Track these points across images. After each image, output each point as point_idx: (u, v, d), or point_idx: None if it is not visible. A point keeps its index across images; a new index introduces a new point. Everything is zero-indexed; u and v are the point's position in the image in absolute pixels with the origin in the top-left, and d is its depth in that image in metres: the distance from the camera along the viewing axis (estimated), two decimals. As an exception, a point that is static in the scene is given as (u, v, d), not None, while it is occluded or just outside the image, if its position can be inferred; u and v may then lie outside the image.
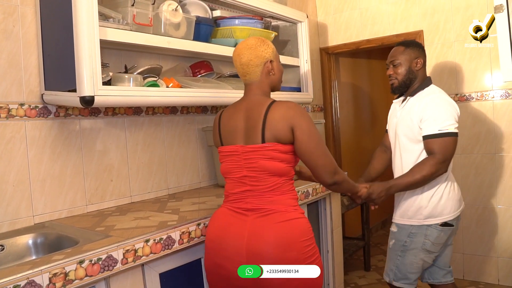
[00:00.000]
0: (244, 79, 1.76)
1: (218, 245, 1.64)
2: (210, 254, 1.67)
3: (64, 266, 1.33)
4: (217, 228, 1.68)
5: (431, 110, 2.09)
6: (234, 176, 1.69)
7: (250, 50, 1.70)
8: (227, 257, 1.61)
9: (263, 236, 1.57)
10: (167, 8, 2.09)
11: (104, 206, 2.21)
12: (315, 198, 2.64)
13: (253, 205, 1.63)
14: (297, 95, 3.01)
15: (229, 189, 1.72)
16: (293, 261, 1.54)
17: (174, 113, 2.60)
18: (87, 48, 1.68)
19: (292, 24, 3.09)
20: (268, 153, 1.61)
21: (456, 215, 2.18)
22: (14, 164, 1.86)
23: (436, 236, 2.14)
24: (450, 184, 2.18)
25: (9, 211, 1.84)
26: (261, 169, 1.62)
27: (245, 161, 1.65)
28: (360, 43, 3.92)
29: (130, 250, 1.53)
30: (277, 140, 1.61)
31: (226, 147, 1.72)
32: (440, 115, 2.07)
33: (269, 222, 1.59)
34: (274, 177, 1.63)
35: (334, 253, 2.90)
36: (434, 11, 3.48)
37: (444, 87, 3.42)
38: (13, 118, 1.86)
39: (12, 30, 1.86)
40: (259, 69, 1.71)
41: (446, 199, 2.14)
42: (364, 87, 5.25)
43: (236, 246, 1.59)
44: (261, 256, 1.55)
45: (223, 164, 1.74)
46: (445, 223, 2.14)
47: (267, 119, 1.61)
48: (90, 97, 1.70)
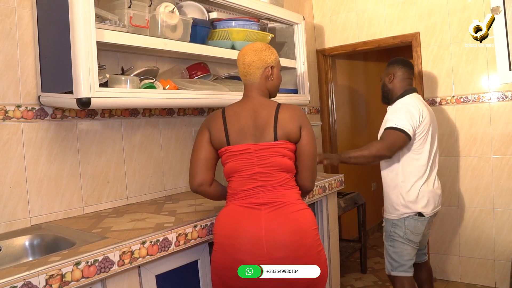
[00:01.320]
0: (244, 79, 1.85)
1: (236, 241, 1.66)
2: (227, 251, 1.67)
3: (60, 267, 1.34)
4: (231, 224, 1.70)
5: (392, 113, 2.52)
6: (245, 174, 1.74)
7: (255, 52, 1.82)
8: (247, 252, 1.64)
9: (280, 225, 1.65)
10: (164, 10, 2.10)
11: (101, 207, 2.22)
12: (312, 200, 2.65)
13: (265, 200, 1.71)
14: (294, 97, 3.03)
15: (238, 187, 1.75)
16: (309, 247, 1.67)
17: (171, 115, 2.61)
18: (84, 50, 1.69)
19: (288, 26, 3.10)
20: (280, 150, 1.74)
21: (431, 208, 2.50)
22: (10, 165, 1.87)
23: (414, 226, 2.48)
24: (427, 183, 2.50)
25: (5, 212, 1.84)
26: (273, 165, 1.73)
27: (257, 159, 1.73)
28: (356, 45, 3.95)
29: (126, 251, 1.54)
30: (288, 139, 1.76)
31: (236, 146, 1.75)
32: (397, 117, 2.46)
33: (283, 213, 1.69)
34: (283, 173, 1.75)
35: (330, 255, 2.91)
36: (430, 13, 3.51)
37: (441, 89, 3.48)
38: (10, 119, 1.87)
39: (9, 32, 1.87)
40: (260, 71, 1.82)
41: (422, 195, 2.47)
42: (360, 89, 5.27)
43: (254, 239, 1.64)
44: (281, 244, 1.63)
45: (230, 163, 1.77)
46: (419, 213, 2.47)
47: (278, 118, 1.75)
48: (86, 99, 1.71)
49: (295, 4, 3.86)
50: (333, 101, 4.31)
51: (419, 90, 3.55)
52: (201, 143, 1.81)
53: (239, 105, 1.83)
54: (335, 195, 3.02)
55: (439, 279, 3.60)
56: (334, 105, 4.32)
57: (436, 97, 3.53)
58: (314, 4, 4.17)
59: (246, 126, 1.76)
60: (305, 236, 1.67)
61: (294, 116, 1.77)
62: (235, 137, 1.75)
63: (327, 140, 4.25)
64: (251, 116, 1.77)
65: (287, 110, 1.78)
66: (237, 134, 1.75)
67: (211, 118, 1.83)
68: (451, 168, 3.49)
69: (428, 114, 2.51)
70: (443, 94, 3.50)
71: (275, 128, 1.74)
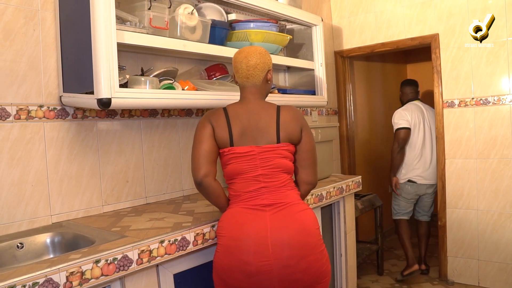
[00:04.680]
0: (245, 81, 1.86)
1: (242, 242, 1.66)
2: (233, 253, 1.67)
3: (80, 265, 1.35)
4: (236, 226, 1.70)
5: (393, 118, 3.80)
6: (248, 176, 1.75)
7: (259, 55, 1.84)
8: (251, 252, 1.64)
9: (286, 225, 1.68)
10: (183, 12, 2.11)
11: (120, 206, 2.23)
12: (329, 201, 2.63)
13: (270, 201, 1.72)
14: (311, 98, 3.01)
15: (241, 189, 1.76)
16: (313, 246, 1.69)
17: (189, 116, 2.62)
18: (105, 51, 1.70)
19: (306, 27, 3.09)
20: (283, 152, 1.78)
21: (415, 175, 3.73)
22: (33, 164, 1.90)
23: (407, 188, 3.75)
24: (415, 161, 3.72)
25: (28, 210, 1.87)
26: (276, 167, 1.76)
27: (260, 161, 1.75)
28: (375, 46, 3.91)
29: (145, 250, 1.55)
30: (290, 141, 1.81)
31: (240, 148, 1.75)
32: (394, 120, 3.77)
33: (288, 213, 1.71)
34: (284, 174, 1.79)
35: (347, 256, 2.89)
36: (450, 14, 3.45)
37: (460, 91, 3.43)
38: (33, 119, 1.90)
39: (32, 34, 1.90)
40: (263, 74, 1.87)
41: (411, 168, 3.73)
42: (377, 90, 5.22)
43: (259, 240, 1.64)
44: (286, 243, 1.64)
45: (233, 165, 1.77)
46: (409, 180, 3.74)
47: (280, 121, 1.79)
48: (107, 99, 1.72)
49: (313, 5, 3.84)
50: (351, 102, 4.27)
51: (437, 92, 3.55)
52: (204, 136, 1.76)
53: (240, 106, 1.83)
54: (352, 196, 3.00)
55: (457, 282, 3.54)
56: (352, 107, 4.29)
57: (455, 99, 3.47)
58: (332, 6, 4.15)
59: (249, 128, 1.77)
60: (309, 235, 1.70)
61: (295, 118, 1.82)
62: (238, 138, 1.76)
63: (345, 142, 4.21)
64: (252, 118, 1.79)
65: (288, 112, 1.82)
66: (240, 136, 1.76)
67: (213, 115, 1.80)
68: (470, 170, 3.43)
69: (417, 115, 3.71)
70: (462, 96, 3.44)
71: (278, 130, 1.77)
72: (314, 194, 2.44)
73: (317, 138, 2.81)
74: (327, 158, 3.05)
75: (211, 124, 1.78)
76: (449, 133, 3.52)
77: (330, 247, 2.88)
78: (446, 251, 3.59)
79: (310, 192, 1.99)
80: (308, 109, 3.68)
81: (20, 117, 1.86)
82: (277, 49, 2.70)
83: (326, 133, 2.99)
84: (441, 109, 3.54)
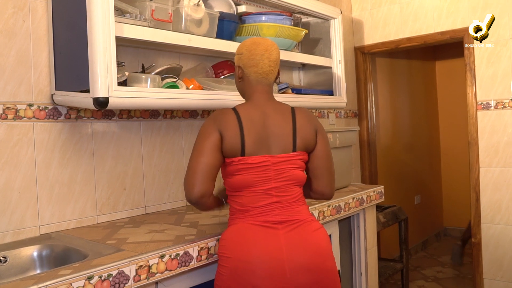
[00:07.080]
0: (262, 78, 1.77)
1: (253, 265, 1.59)
2: (241, 276, 1.60)
3: (71, 281, 1.34)
4: (245, 246, 1.63)
5: None
6: (259, 189, 1.68)
7: (277, 49, 1.80)
8: (266, 277, 1.58)
9: (301, 247, 1.64)
10: (188, 3, 2.11)
11: (116, 217, 2.23)
12: (348, 213, 2.61)
13: (282, 217, 1.67)
14: (329, 99, 3.00)
15: (250, 203, 1.68)
16: (330, 270, 1.67)
17: (194, 117, 2.62)
18: (102, 45, 1.70)
19: (324, 20, 3.08)
20: (298, 162, 1.73)
21: None
22: (20, 169, 1.90)
23: None
24: None
25: (13, 219, 1.87)
26: (290, 179, 1.71)
27: (275, 172, 1.69)
28: (399, 41, 3.89)
29: (143, 266, 1.54)
30: (305, 148, 1.76)
31: (253, 158, 1.67)
32: None
33: (302, 233, 1.67)
34: (297, 187, 1.75)
35: (368, 276, 2.86)
36: (486, 4, 3.41)
37: (497, 91, 3.40)
38: (21, 119, 1.90)
39: (22, 25, 1.91)
40: (277, 70, 1.81)
41: None
42: (403, 90, 5.19)
43: (275, 262, 1.59)
44: (304, 268, 1.61)
45: (242, 176, 1.68)
46: None
47: (296, 125, 1.74)
48: (104, 99, 1.72)
49: (331, -4, 3.84)
50: (373, 104, 4.25)
51: (470, 92, 3.52)
52: (207, 147, 1.64)
53: (254, 108, 1.74)
54: (373, 208, 2.98)
55: (494, 307, 3.49)
56: (374, 109, 4.27)
57: (490, 100, 3.43)
58: (353, -4, 4.15)
59: (263, 135, 1.69)
60: (327, 259, 1.68)
61: (310, 119, 1.79)
62: (251, 147, 1.67)
63: (365, 147, 4.19)
64: (267, 123, 1.71)
65: (303, 114, 1.78)
66: (254, 144, 1.67)
67: (222, 119, 1.69)
68: (509, 180, 3.38)
69: None
70: (500, 97, 3.40)
71: (294, 137, 1.72)
72: (331, 205, 2.42)
73: (334, 143, 2.79)
74: (346, 166, 3.03)
75: (220, 131, 1.66)
76: (484, 138, 3.48)
77: (349, 264, 2.85)
78: (482, 272, 3.53)
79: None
80: (325, 111, 3.66)
81: (7, 116, 1.86)
82: (291, 45, 2.69)
83: (345, 138, 2.97)
84: (475, 112, 3.51)
